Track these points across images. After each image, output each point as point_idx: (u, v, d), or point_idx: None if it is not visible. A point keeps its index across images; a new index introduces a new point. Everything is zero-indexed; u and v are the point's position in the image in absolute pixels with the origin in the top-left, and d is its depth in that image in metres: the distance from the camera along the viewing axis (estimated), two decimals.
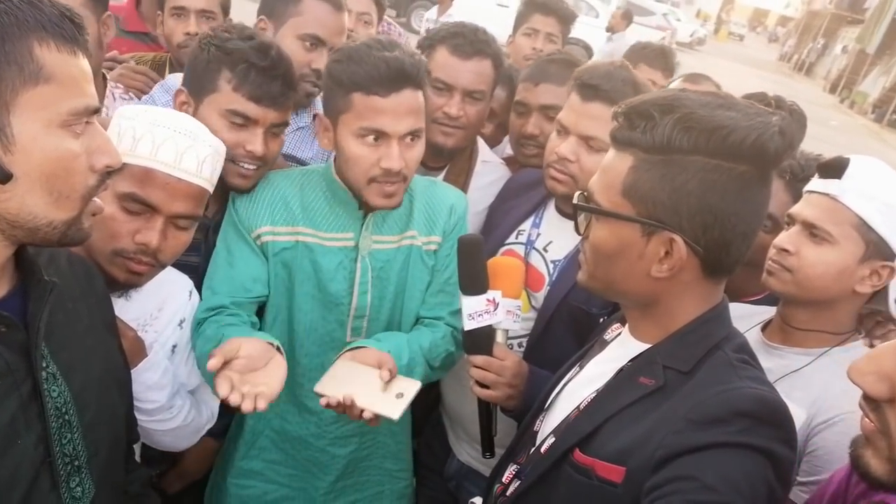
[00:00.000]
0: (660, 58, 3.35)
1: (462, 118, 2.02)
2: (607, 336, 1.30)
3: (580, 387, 1.23)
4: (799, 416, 1.40)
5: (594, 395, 1.16)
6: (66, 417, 1.03)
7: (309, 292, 1.67)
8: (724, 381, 1.03)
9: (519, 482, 1.23)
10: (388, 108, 1.52)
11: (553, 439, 1.18)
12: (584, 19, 16.68)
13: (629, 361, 1.15)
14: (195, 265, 1.69)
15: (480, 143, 2.25)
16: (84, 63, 0.94)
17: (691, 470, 0.94)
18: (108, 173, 0.98)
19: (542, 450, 1.19)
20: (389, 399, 1.41)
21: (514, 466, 1.29)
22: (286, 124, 1.72)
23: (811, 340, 1.49)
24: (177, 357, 1.57)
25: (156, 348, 1.45)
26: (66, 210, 0.94)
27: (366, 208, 1.66)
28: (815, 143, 1.54)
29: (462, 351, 1.77)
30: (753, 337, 1.53)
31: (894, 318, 1.52)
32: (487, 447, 1.62)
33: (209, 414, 1.63)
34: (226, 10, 2.50)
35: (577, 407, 1.17)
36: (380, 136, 1.54)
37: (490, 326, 1.56)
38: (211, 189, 1.45)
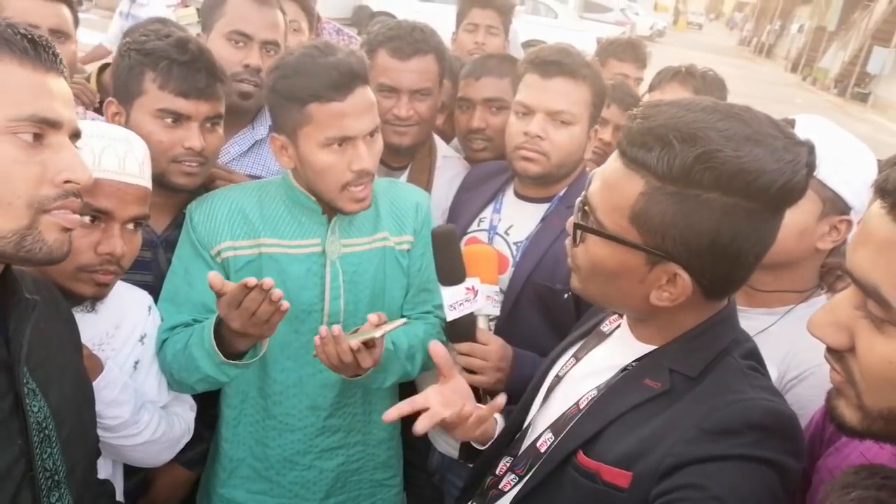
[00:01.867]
0: (628, 50, 3.29)
1: (413, 116, 2.03)
2: (605, 328, 1.27)
3: (578, 381, 1.21)
4: (771, 375, 1.40)
5: (596, 393, 1.14)
6: (47, 432, 1.05)
7: None
8: (736, 391, 1.01)
9: (514, 476, 1.21)
10: (349, 111, 1.51)
11: (552, 437, 1.16)
12: (543, 21, 16.91)
13: (633, 361, 1.13)
14: (148, 284, 1.66)
15: (437, 139, 2.26)
16: (46, 79, 0.97)
17: (700, 479, 0.93)
18: (77, 192, 0.99)
19: (539, 445, 1.18)
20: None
21: (508, 459, 1.27)
22: (220, 116, 1.71)
23: (776, 300, 1.50)
24: (140, 373, 1.55)
25: (109, 365, 1.43)
26: (11, 218, 0.94)
27: (329, 213, 1.65)
28: None
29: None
30: None
31: None
32: None
33: (184, 427, 1.62)
34: None
35: (577, 404, 1.15)
36: (345, 140, 1.53)
37: (472, 314, 1.56)
38: (151, 188, 1.47)
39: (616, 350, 1.19)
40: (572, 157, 1.82)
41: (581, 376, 1.21)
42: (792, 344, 1.42)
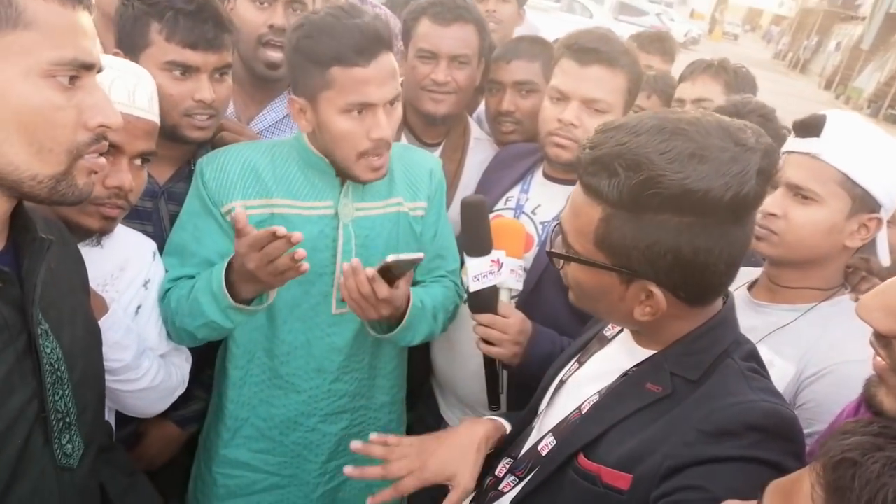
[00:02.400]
0: (655, 42, 3.30)
1: (450, 83, 2.03)
2: (608, 332, 1.28)
3: (581, 385, 1.21)
4: (788, 371, 1.40)
5: (597, 397, 1.14)
6: (59, 374, 1.04)
7: None
8: (736, 393, 1.02)
9: (514, 478, 1.22)
10: (372, 78, 1.48)
11: (553, 440, 1.16)
12: (578, 20, 16.82)
13: (634, 367, 1.13)
14: (149, 233, 1.64)
15: (471, 121, 2.27)
16: (81, 17, 0.92)
17: (700, 481, 0.93)
18: (106, 136, 0.97)
19: (541, 448, 1.18)
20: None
21: (508, 460, 1.27)
22: (229, 66, 1.69)
23: (798, 297, 1.49)
24: (142, 318, 1.55)
25: (114, 307, 1.43)
26: (51, 164, 0.92)
27: (343, 176, 1.63)
28: None
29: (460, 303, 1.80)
30: (740, 295, 1.53)
31: (874, 270, 1.53)
32: (494, 401, 1.64)
33: (180, 377, 1.62)
34: None
35: (579, 408, 1.16)
36: (365, 107, 1.51)
37: (494, 286, 1.57)
38: (159, 124, 1.45)
39: (618, 355, 1.20)
40: None
41: (584, 380, 1.22)
42: (812, 341, 1.42)
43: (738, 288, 1.58)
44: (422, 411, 2.06)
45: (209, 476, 1.79)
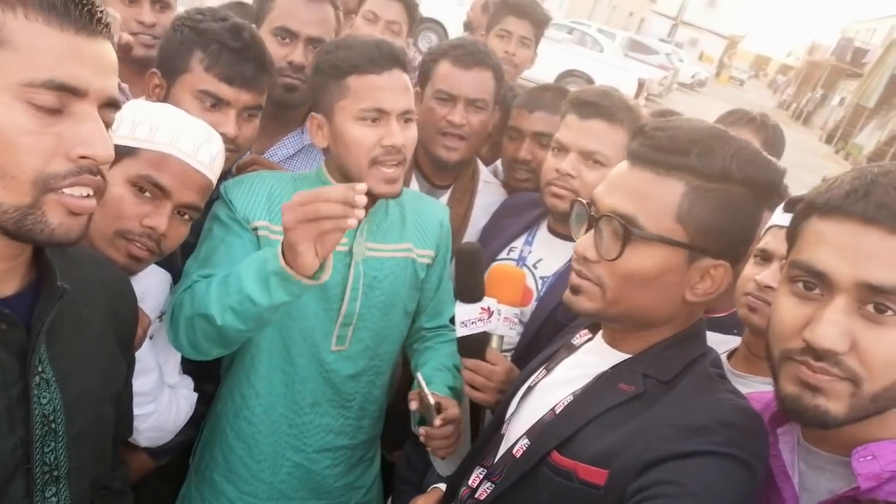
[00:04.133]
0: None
1: (465, 127, 2.07)
2: (575, 341, 1.32)
3: (551, 389, 1.24)
4: None
5: (571, 397, 1.17)
6: (53, 426, 0.99)
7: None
8: (709, 392, 1.07)
9: (490, 484, 1.23)
10: (385, 85, 1.54)
11: (527, 442, 1.18)
12: (589, 53, 16.96)
13: (609, 368, 1.17)
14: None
15: (480, 164, 2.31)
16: (74, 40, 0.87)
17: (676, 475, 0.96)
18: (94, 169, 0.91)
19: (515, 452, 1.19)
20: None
21: (481, 469, 1.29)
22: (260, 107, 1.73)
23: None
24: (155, 348, 1.53)
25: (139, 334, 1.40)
26: (14, 193, 0.85)
27: None
28: None
29: None
30: None
31: None
32: (476, 438, 1.64)
33: (188, 407, 1.63)
34: None
35: (553, 409, 1.18)
36: (379, 115, 1.55)
37: (485, 332, 1.58)
38: (213, 185, 1.47)
39: (590, 360, 1.23)
40: None
41: (553, 385, 1.25)
42: None
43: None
44: (409, 451, 2.04)
45: (199, 501, 1.78)
